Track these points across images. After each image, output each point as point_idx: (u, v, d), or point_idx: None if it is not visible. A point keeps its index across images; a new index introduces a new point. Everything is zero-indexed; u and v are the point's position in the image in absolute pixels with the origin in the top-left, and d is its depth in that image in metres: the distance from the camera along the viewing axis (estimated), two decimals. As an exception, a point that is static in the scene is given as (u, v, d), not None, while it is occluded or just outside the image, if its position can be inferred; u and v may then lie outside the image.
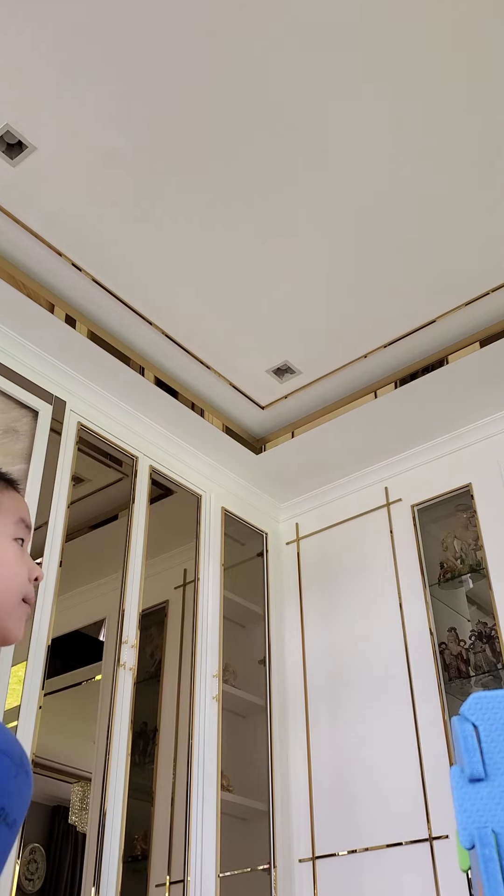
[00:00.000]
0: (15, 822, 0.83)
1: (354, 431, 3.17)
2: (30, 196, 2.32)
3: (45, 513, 2.55)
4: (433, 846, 2.61)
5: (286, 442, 3.22)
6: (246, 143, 2.19)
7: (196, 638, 2.95)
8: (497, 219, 2.40)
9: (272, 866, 2.80)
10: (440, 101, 2.09)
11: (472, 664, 2.90)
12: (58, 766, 2.71)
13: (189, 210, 2.37)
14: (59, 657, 2.47)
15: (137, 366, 2.85)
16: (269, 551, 3.47)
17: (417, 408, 3.04)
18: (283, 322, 2.77)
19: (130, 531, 2.85)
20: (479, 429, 3.12)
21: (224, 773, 2.86)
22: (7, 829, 0.81)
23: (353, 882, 2.73)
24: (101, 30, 1.93)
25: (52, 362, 2.76)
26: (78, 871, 2.57)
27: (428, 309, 2.71)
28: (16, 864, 2.10)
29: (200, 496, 3.24)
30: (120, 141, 2.18)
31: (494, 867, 0.70)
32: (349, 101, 2.09)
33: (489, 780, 0.75)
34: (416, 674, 2.89)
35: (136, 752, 2.87)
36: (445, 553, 3.14)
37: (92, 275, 2.56)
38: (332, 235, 2.45)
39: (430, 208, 2.37)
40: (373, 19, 1.91)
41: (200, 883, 2.55)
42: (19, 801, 0.83)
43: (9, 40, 1.95)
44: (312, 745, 3.05)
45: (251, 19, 1.91)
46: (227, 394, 3.07)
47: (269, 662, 3.19)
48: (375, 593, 3.15)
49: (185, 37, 1.94)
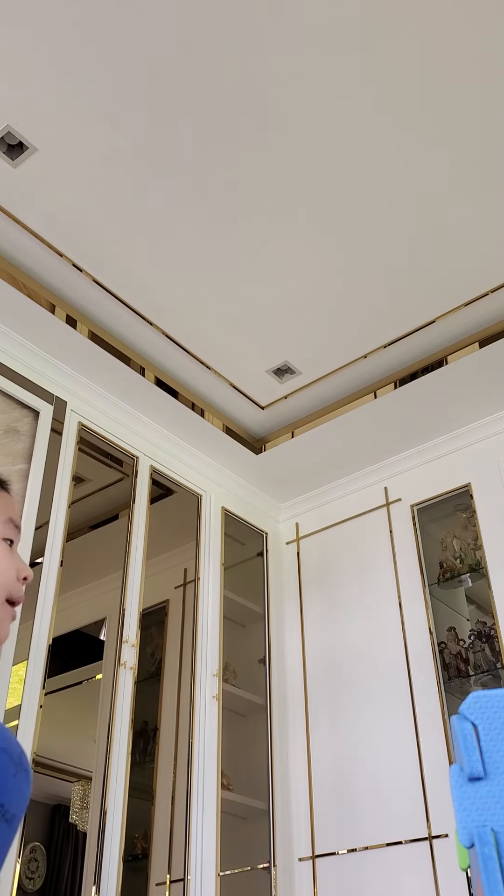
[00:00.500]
0: (14, 818, 0.84)
1: (354, 431, 3.17)
2: (30, 196, 2.32)
3: (45, 513, 2.56)
4: (433, 845, 2.62)
5: (286, 442, 3.23)
6: (246, 144, 2.19)
7: (196, 637, 2.96)
8: (497, 219, 2.40)
9: (272, 865, 2.80)
10: (440, 101, 2.09)
11: (472, 663, 2.91)
12: (58, 765, 2.72)
13: (189, 210, 2.38)
14: (60, 656, 2.47)
15: (138, 366, 2.85)
16: (269, 551, 3.47)
17: (417, 408, 3.05)
18: (283, 322, 2.77)
19: (131, 531, 2.85)
20: (478, 429, 3.13)
21: (224, 772, 2.87)
22: (6, 825, 0.83)
23: (353, 881, 2.74)
24: (101, 30, 1.93)
25: (52, 362, 2.76)
26: (78, 870, 2.57)
27: (428, 309, 2.71)
28: (16, 863, 2.10)
29: (200, 496, 3.25)
30: (120, 141, 2.19)
31: (494, 866, 0.70)
32: (349, 101, 2.09)
33: (488, 778, 0.75)
34: (415, 673, 2.90)
35: (136, 752, 2.88)
36: (445, 553, 3.15)
37: (92, 275, 2.57)
38: (333, 236, 2.46)
39: (430, 208, 2.37)
40: (374, 19, 1.92)
41: (200, 882, 2.55)
42: (18, 797, 0.85)
43: (9, 41, 1.95)
44: (312, 744, 3.06)
45: (251, 19, 1.91)
46: (227, 394, 3.08)
47: (269, 662, 3.20)
48: (375, 593, 3.15)
49: (185, 37, 1.95)
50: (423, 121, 2.14)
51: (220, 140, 2.18)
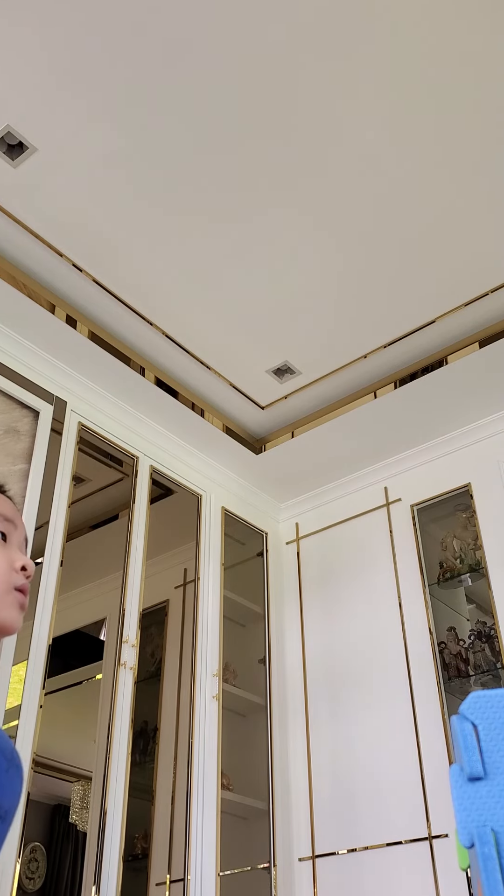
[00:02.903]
0: (7, 814, 0.87)
1: (354, 431, 3.17)
2: (31, 197, 2.32)
3: (45, 513, 2.56)
4: (433, 845, 2.62)
5: (286, 442, 3.23)
6: (246, 145, 2.19)
7: (196, 637, 2.96)
8: (497, 219, 2.41)
9: (272, 865, 2.80)
10: (440, 102, 2.09)
11: (472, 663, 2.91)
12: (58, 766, 2.72)
13: (190, 211, 2.38)
14: (60, 656, 2.47)
15: (138, 366, 2.85)
16: (269, 551, 3.47)
17: (417, 408, 3.05)
18: (283, 322, 2.77)
19: (131, 531, 2.85)
20: (478, 429, 3.13)
21: (224, 772, 2.87)
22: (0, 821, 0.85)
23: (353, 881, 2.74)
24: (101, 30, 1.93)
25: (52, 362, 2.76)
26: (78, 870, 2.57)
27: (428, 309, 2.71)
28: (16, 863, 2.10)
29: (200, 496, 3.25)
30: (121, 142, 2.19)
31: (494, 866, 0.70)
32: (349, 102, 2.09)
33: (488, 778, 0.75)
34: (415, 673, 2.90)
35: (136, 752, 2.88)
36: (445, 553, 3.15)
37: (92, 275, 2.57)
38: (333, 236, 2.46)
39: (430, 209, 2.37)
40: (374, 22, 1.92)
41: (200, 882, 2.55)
42: (11, 793, 0.87)
43: (9, 41, 1.95)
44: (312, 744, 3.06)
45: (252, 20, 1.91)
46: (227, 394, 3.08)
47: (269, 662, 3.20)
48: (375, 593, 3.15)
49: (185, 37, 1.95)
50: (423, 121, 2.14)
51: (220, 140, 2.18)
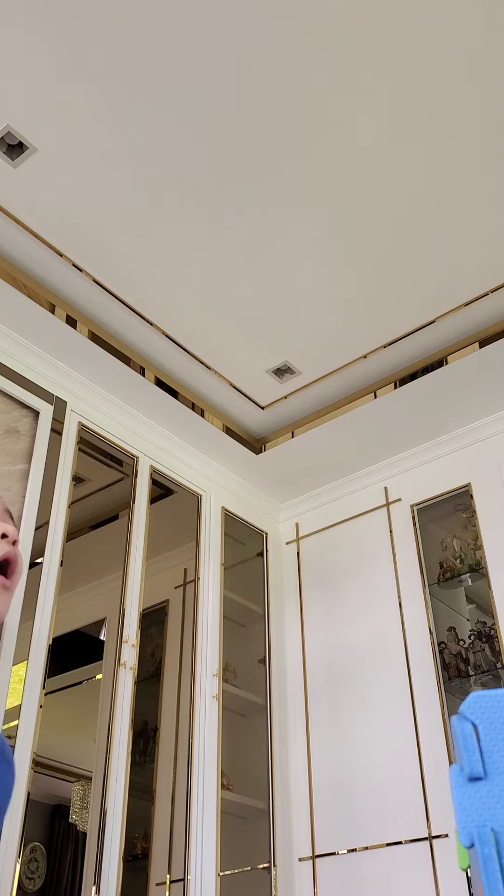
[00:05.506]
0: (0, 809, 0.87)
1: (354, 431, 3.17)
2: (31, 197, 2.32)
3: (45, 513, 2.56)
4: (433, 845, 2.62)
5: (286, 442, 3.23)
6: (246, 145, 2.19)
7: (196, 637, 2.96)
8: (497, 219, 2.41)
9: (272, 865, 2.80)
10: (441, 101, 2.10)
11: (472, 663, 2.91)
12: (58, 766, 2.72)
13: (190, 211, 2.38)
14: (60, 656, 2.47)
15: (138, 366, 2.85)
16: (269, 551, 3.47)
17: (417, 408, 3.05)
18: (283, 322, 2.77)
19: (131, 531, 2.85)
20: (478, 429, 3.13)
21: (224, 772, 2.87)
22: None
23: (353, 881, 2.74)
24: (101, 30, 1.93)
25: (52, 362, 2.76)
26: (78, 870, 2.57)
27: (428, 309, 2.71)
28: (16, 863, 2.10)
29: (200, 496, 3.25)
30: (120, 142, 2.19)
31: (494, 866, 0.70)
32: (349, 101, 2.09)
33: (488, 778, 0.75)
34: (415, 673, 2.90)
35: (136, 751, 2.88)
36: (445, 553, 3.15)
37: (92, 275, 2.57)
38: (333, 236, 2.46)
39: (430, 208, 2.37)
40: (375, 18, 1.92)
41: (200, 882, 2.55)
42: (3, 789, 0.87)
43: (9, 41, 1.95)
44: (312, 744, 3.06)
45: (252, 18, 1.91)
46: (227, 394, 3.08)
47: (268, 661, 3.20)
48: (375, 593, 3.15)
49: (185, 37, 1.95)
50: (424, 121, 2.14)
51: (220, 140, 2.18)
